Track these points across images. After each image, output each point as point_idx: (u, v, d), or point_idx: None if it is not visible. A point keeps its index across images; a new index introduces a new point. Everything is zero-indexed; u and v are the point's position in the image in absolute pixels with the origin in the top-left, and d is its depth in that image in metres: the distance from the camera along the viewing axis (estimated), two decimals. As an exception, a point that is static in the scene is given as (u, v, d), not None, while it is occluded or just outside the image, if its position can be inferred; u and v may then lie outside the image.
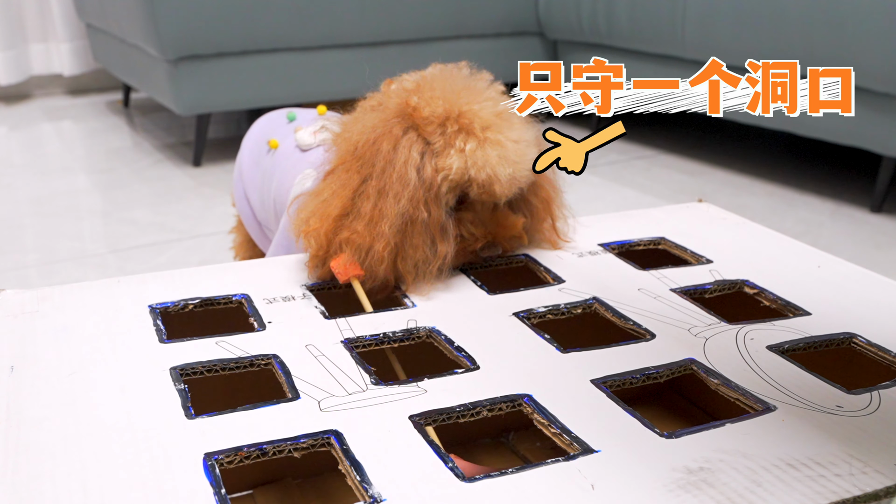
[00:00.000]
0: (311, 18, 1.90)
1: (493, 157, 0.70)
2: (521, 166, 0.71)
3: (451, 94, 0.72)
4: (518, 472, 0.47)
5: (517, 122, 0.72)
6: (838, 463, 0.48)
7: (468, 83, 0.74)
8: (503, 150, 0.70)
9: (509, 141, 0.71)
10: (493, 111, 0.71)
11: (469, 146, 0.70)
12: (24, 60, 2.69)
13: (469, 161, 0.70)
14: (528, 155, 0.71)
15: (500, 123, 0.71)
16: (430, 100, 0.72)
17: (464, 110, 0.71)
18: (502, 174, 0.70)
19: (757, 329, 0.65)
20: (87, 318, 0.64)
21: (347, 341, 0.62)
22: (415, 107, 0.72)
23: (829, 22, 1.47)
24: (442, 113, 0.71)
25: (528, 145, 0.72)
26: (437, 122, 0.71)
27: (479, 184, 0.70)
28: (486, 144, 0.70)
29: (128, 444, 0.49)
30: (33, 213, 1.64)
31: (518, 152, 0.71)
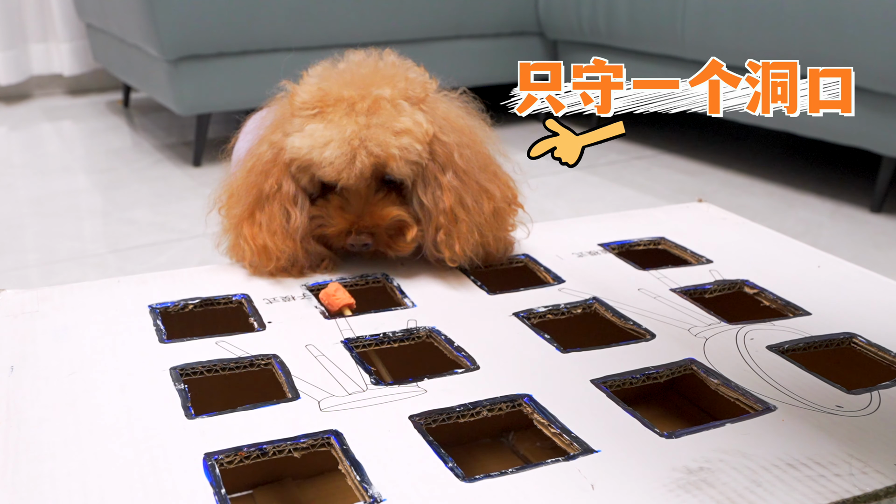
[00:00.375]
0: (311, 18, 1.90)
1: (328, 136, 0.68)
2: (361, 150, 0.68)
3: (334, 80, 0.72)
4: (518, 472, 0.47)
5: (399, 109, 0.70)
6: (838, 463, 0.48)
7: (371, 70, 0.73)
8: (340, 130, 0.68)
9: (358, 124, 0.68)
10: (371, 97, 0.69)
11: (310, 126, 0.69)
12: (24, 60, 2.69)
13: (306, 140, 0.69)
14: (378, 140, 0.68)
15: (365, 107, 0.69)
16: (306, 86, 0.72)
17: (333, 95, 0.70)
18: (328, 154, 0.68)
19: (757, 329, 0.65)
20: (87, 318, 0.64)
21: (347, 341, 0.62)
22: (292, 93, 0.73)
23: (829, 22, 1.47)
24: (310, 99, 0.70)
25: (389, 131, 0.69)
26: (306, 107, 0.70)
27: (317, 164, 0.69)
28: (329, 126, 0.69)
29: (128, 444, 0.49)
30: (33, 213, 1.64)
31: (364, 136, 0.68)
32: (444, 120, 0.73)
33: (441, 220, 0.71)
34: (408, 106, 0.70)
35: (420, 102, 0.72)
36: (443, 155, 0.72)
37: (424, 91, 0.73)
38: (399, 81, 0.72)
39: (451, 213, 0.71)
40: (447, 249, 0.71)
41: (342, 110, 0.69)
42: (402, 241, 0.72)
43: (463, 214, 0.71)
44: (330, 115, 0.69)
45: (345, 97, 0.70)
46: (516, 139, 2.17)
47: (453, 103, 0.76)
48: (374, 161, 0.69)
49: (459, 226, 0.71)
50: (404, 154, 0.69)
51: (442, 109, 0.74)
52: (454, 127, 0.74)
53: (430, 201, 0.71)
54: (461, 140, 0.73)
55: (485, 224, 0.72)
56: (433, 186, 0.72)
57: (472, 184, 0.72)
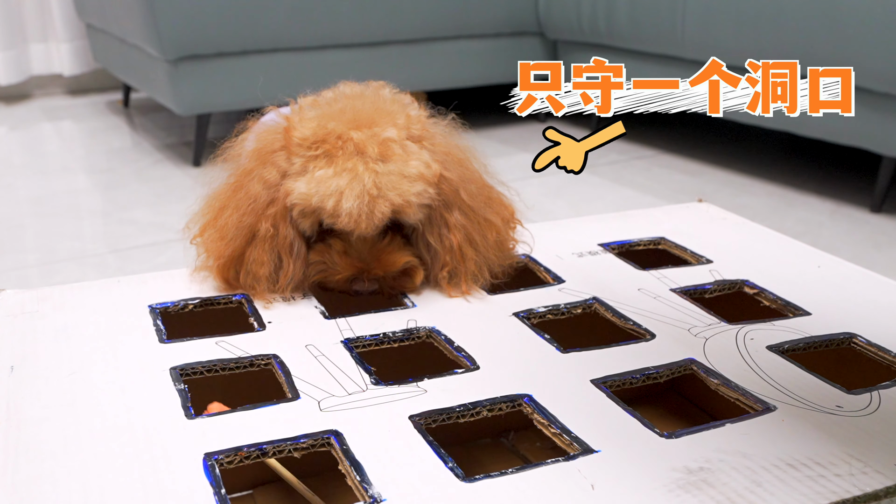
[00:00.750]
0: (311, 18, 1.90)
1: (343, 185, 0.65)
2: (379, 200, 0.65)
3: (335, 118, 0.68)
4: (518, 472, 0.47)
5: (407, 152, 0.68)
6: (838, 463, 0.48)
7: (371, 106, 0.70)
8: (356, 180, 0.65)
9: (373, 172, 0.65)
10: (378, 139, 0.67)
11: (320, 173, 0.66)
12: (24, 60, 2.69)
13: (315, 187, 0.65)
14: (396, 189, 0.66)
15: (375, 152, 0.66)
16: (305, 121, 0.68)
17: (338, 135, 0.67)
18: (347, 206, 0.65)
19: (757, 329, 0.65)
20: (87, 318, 0.64)
21: (347, 341, 0.62)
22: (288, 127, 0.69)
23: (829, 22, 1.47)
24: (310, 136, 0.67)
25: (403, 179, 0.66)
26: (304, 144, 0.67)
27: (328, 213, 0.66)
28: (343, 172, 0.65)
29: (128, 443, 0.49)
30: (33, 212, 1.64)
31: (381, 184, 0.65)
32: (445, 155, 0.72)
33: (447, 258, 0.70)
34: (415, 147, 0.68)
35: (422, 140, 0.70)
36: (448, 193, 0.70)
37: (424, 128, 0.71)
38: (399, 118, 0.69)
39: (459, 251, 0.70)
40: (451, 287, 0.70)
41: (350, 153, 0.66)
42: (409, 284, 0.70)
43: (471, 252, 0.71)
44: (338, 158, 0.66)
45: (352, 139, 0.66)
46: (516, 139, 2.17)
47: (447, 134, 0.74)
48: (392, 210, 0.66)
49: (467, 263, 0.70)
50: (420, 199, 0.67)
51: (441, 144, 0.72)
52: (455, 161, 0.73)
53: (436, 241, 0.70)
54: (463, 174, 0.72)
55: (491, 258, 0.72)
56: (439, 225, 0.70)
57: (477, 219, 0.72)
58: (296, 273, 0.68)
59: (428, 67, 2.06)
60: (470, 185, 0.72)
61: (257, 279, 0.68)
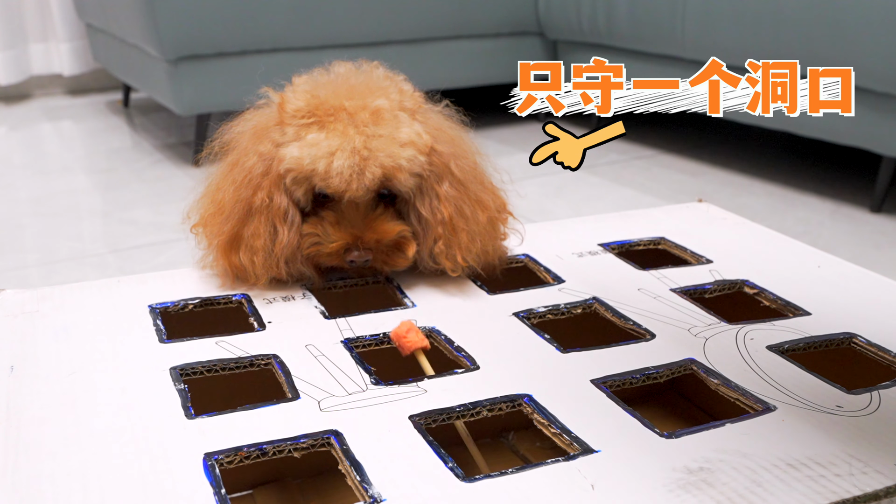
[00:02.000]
0: (311, 18, 1.90)
1: (334, 146, 0.66)
2: (370, 161, 0.66)
3: (328, 89, 0.69)
4: (518, 472, 0.47)
5: (398, 120, 0.69)
6: (838, 463, 0.48)
7: (363, 81, 0.71)
8: (347, 141, 0.66)
9: (364, 135, 0.66)
10: (370, 108, 0.68)
11: (311, 136, 0.67)
12: (24, 60, 2.69)
13: (307, 151, 0.66)
14: (386, 151, 0.67)
15: (367, 118, 0.67)
16: (298, 94, 0.70)
17: (330, 105, 0.68)
18: (337, 164, 0.65)
19: (757, 329, 0.65)
20: (87, 318, 0.64)
21: (347, 341, 0.62)
22: (282, 101, 0.70)
23: (829, 22, 1.47)
24: (304, 107, 0.68)
25: (394, 143, 0.67)
26: (298, 115, 0.68)
27: (320, 175, 0.66)
28: (333, 135, 0.66)
29: (128, 443, 0.49)
30: (33, 213, 1.64)
31: (371, 147, 0.66)
32: (437, 131, 0.72)
33: (439, 230, 0.70)
34: (406, 117, 0.69)
35: (414, 114, 0.71)
36: (439, 165, 0.71)
37: (417, 102, 0.72)
38: (392, 93, 0.70)
39: (451, 223, 0.70)
40: (448, 260, 0.70)
41: (343, 120, 0.67)
42: (401, 257, 0.70)
43: (462, 224, 0.71)
44: (330, 124, 0.67)
45: (344, 107, 0.68)
46: (516, 139, 2.17)
47: (441, 115, 0.75)
48: (383, 173, 0.67)
49: (459, 235, 0.70)
50: (411, 166, 0.68)
51: (434, 120, 0.73)
52: (447, 137, 0.73)
53: (428, 213, 0.70)
54: (455, 151, 0.73)
55: (482, 234, 0.72)
56: (430, 197, 0.71)
57: (467, 193, 0.72)
58: (290, 241, 0.68)
59: (428, 67, 2.06)
60: (461, 161, 0.73)
61: (255, 251, 0.68)
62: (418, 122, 0.70)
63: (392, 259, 0.70)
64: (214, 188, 0.73)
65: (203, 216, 0.72)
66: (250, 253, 0.69)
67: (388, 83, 0.71)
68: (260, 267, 0.68)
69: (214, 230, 0.70)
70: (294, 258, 0.69)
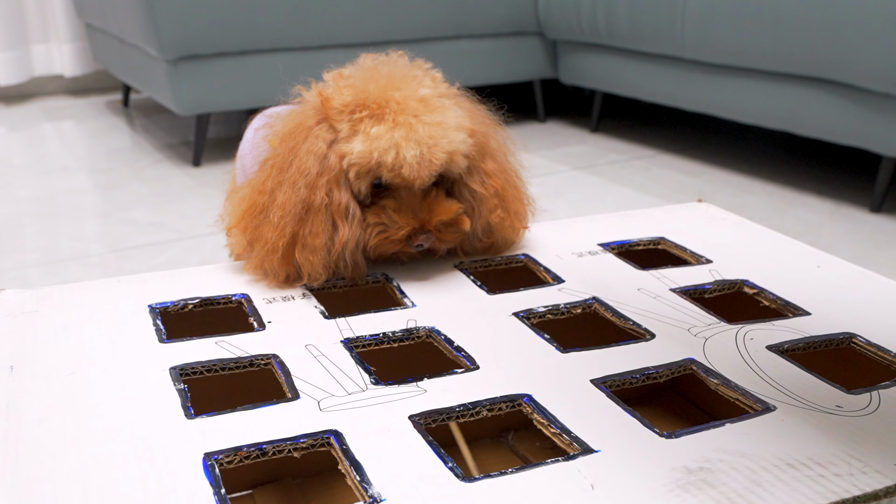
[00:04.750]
0: (311, 18, 1.90)
1: (399, 138, 0.67)
2: (435, 148, 0.68)
3: (371, 82, 0.71)
4: (518, 472, 0.47)
5: (444, 106, 0.71)
6: (838, 463, 0.48)
7: (398, 71, 0.72)
8: (412, 131, 0.68)
9: (423, 123, 0.68)
10: (416, 97, 0.70)
11: (374, 129, 0.68)
12: (25, 61, 2.69)
13: (373, 144, 0.68)
14: (446, 137, 0.69)
15: (418, 107, 0.69)
16: (341, 89, 0.71)
17: (378, 97, 0.69)
18: (408, 155, 0.67)
19: (756, 329, 0.65)
20: (87, 318, 0.65)
21: (347, 341, 0.62)
22: (326, 98, 0.71)
23: (829, 22, 1.47)
24: (352, 101, 0.70)
25: (449, 128, 0.70)
26: (346, 110, 0.70)
27: (388, 167, 0.68)
28: (395, 127, 0.68)
29: (127, 443, 0.49)
30: (33, 212, 1.64)
31: (432, 134, 0.68)
32: (470, 112, 0.75)
33: (494, 202, 0.74)
34: (450, 103, 0.72)
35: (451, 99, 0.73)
36: (480, 144, 0.74)
37: (448, 88, 0.75)
38: (426, 80, 0.72)
39: (503, 192, 0.75)
40: (508, 229, 0.75)
41: (396, 111, 0.68)
42: (456, 233, 0.72)
43: (511, 192, 0.76)
44: (385, 116, 0.68)
45: (394, 97, 0.69)
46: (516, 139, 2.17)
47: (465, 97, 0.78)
48: (447, 158, 0.69)
49: (512, 203, 0.76)
50: (466, 149, 0.71)
51: (464, 102, 0.76)
52: (479, 118, 0.77)
53: (479, 187, 0.74)
54: (487, 129, 0.77)
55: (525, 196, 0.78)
56: (479, 174, 0.74)
57: (507, 164, 0.77)
58: (352, 235, 0.70)
59: (428, 67, 2.06)
60: (494, 138, 0.77)
61: (314, 251, 0.69)
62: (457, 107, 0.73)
63: (449, 235, 0.72)
64: (253, 189, 0.72)
65: (238, 217, 0.72)
66: (308, 252, 0.69)
67: (419, 72, 0.73)
68: (319, 266, 0.69)
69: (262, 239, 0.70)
70: (356, 250, 0.71)
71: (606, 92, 2.13)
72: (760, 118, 1.70)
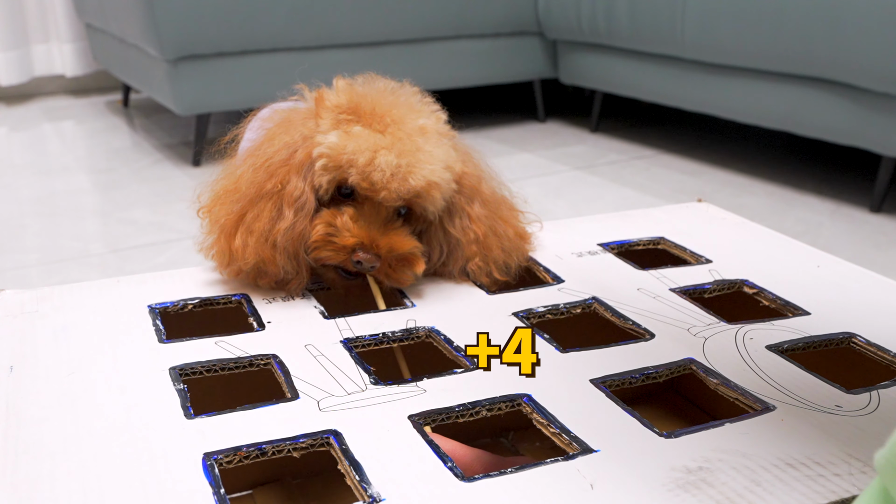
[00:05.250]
0: (311, 18, 1.90)
1: (381, 143, 0.64)
2: (415, 168, 0.65)
3: (372, 97, 0.68)
4: (517, 472, 0.47)
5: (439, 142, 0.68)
6: (837, 463, 0.48)
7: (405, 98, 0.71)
8: (397, 142, 0.65)
9: (412, 143, 0.66)
10: (414, 123, 0.67)
11: (357, 128, 0.66)
12: (25, 61, 2.70)
13: (350, 140, 0.65)
14: (431, 166, 0.66)
15: (413, 130, 0.67)
16: (340, 92, 0.69)
17: (375, 110, 0.67)
18: (383, 161, 0.64)
19: (756, 329, 0.65)
20: (86, 318, 0.65)
21: (347, 341, 0.62)
22: (320, 95, 0.70)
23: (829, 22, 1.47)
24: (345, 103, 0.68)
25: (436, 161, 0.67)
26: (337, 110, 0.68)
27: (358, 168, 0.64)
28: (381, 134, 0.65)
29: (127, 443, 0.49)
30: (34, 212, 1.64)
31: (418, 157, 0.65)
32: (465, 154, 0.74)
33: (473, 248, 0.71)
34: (446, 141, 0.70)
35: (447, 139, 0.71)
36: (469, 187, 0.72)
37: (449, 129, 0.72)
38: (431, 116, 0.70)
39: (485, 241, 0.71)
40: (486, 277, 0.72)
41: (388, 125, 0.66)
42: (407, 273, 0.68)
43: (495, 241, 0.72)
44: (375, 125, 0.66)
45: (390, 113, 0.67)
46: (516, 139, 2.17)
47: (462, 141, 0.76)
48: (423, 185, 0.66)
49: (493, 252, 0.72)
50: (447, 187, 0.68)
51: (460, 145, 0.74)
52: (474, 162, 0.75)
53: (459, 232, 0.71)
54: (481, 174, 0.75)
55: (513, 249, 0.74)
56: (461, 217, 0.71)
57: (498, 212, 0.74)
58: (296, 225, 0.66)
59: (427, 67, 2.06)
60: (488, 183, 0.75)
61: (251, 233, 0.66)
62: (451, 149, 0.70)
63: (397, 273, 0.68)
64: (228, 175, 0.72)
65: (211, 200, 0.71)
66: (246, 233, 0.67)
67: (424, 107, 0.71)
68: (252, 251, 0.66)
69: (221, 214, 0.69)
70: (295, 248, 0.67)
71: (606, 92, 2.13)
72: (760, 118, 1.70)
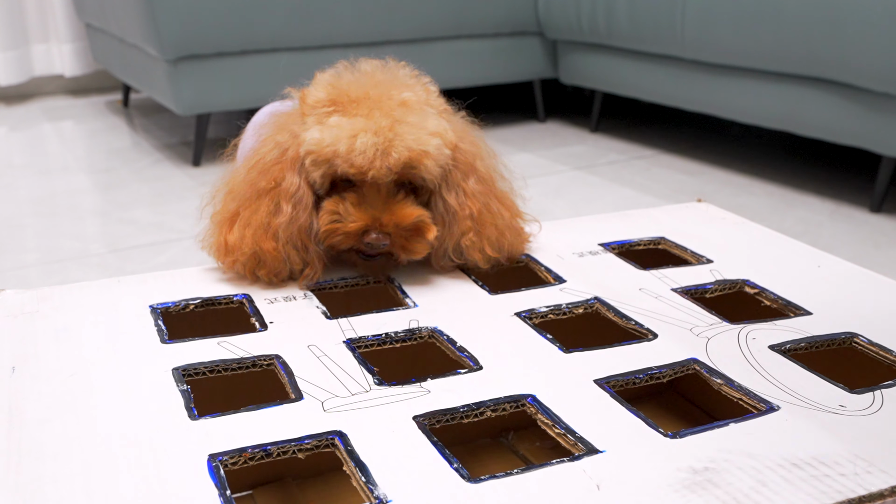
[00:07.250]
0: (311, 18, 1.90)
1: (358, 127, 0.66)
2: (396, 141, 0.66)
3: (354, 83, 0.70)
4: (523, 473, 0.47)
5: (425, 112, 0.69)
6: (843, 462, 0.48)
7: (388, 76, 0.72)
8: (374, 122, 0.66)
9: (390, 118, 0.66)
10: (397, 98, 0.68)
11: (334, 119, 0.67)
12: (25, 61, 2.69)
13: (329, 132, 0.66)
14: (414, 136, 0.67)
15: (393, 106, 0.68)
16: (319, 86, 0.71)
17: (354, 95, 0.68)
18: (362, 143, 0.65)
19: (758, 329, 0.65)
20: (87, 318, 0.64)
21: (350, 341, 0.62)
22: (303, 94, 0.71)
23: (829, 22, 1.47)
24: (325, 97, 0.69)
25: (421, 130, 0.67)
26: (319, 106, 0.69)
27: (342, 156, 0.66)
28: (356, 118, 0.66)
29: (131, 445, 0.49)
30: (34, 212, 1.63)
31: (398, 130, 0.66)
32: (461, 131, 0.74)
33: (468, 223, 0.71)
34: (434, 112, 0.70)
35: (440, 113, 0.72)
36: (465, 163, 0.72)
37: (443, 105, 0.73)
38: (419, 90, 0.71)
39: (479, 217, 0.71)
40: (478, 253, 0.71)
41: (367, 106, 0.67)
42: (420, 243, 0.69)
43: (489, 219, 0.72)
44: (354, 110, 0.67)
45: (370, 95, 0.68)
46: (516, 139, 2.17)
47: (461, 119, 0.76)
48: (409, 156, 0.66)
49: (488, 229, 0.72)
50: (438, 154, 0.68)
51: (457, 122, 0.75)
52: (470, 139, 0.75)
53: (456, 204, 0.71)
54: (477, 151, 0.74)
55: (508, 228, 0.74)
56: (457, 192, 0.71)
57: (493, 190, 0.74)
58: (296, 217, 0.68)
59: (427, 67, 2.05)
60: (484, 161, 0.75)
61: (248, 225, 0.68)
62: (444, 120, 0.71)
63: (411, 244, 0.69)
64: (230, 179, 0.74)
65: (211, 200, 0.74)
66: (243, 226, 0.68)
67: (413, 81, 0.72)
68: (248, 239, 0.67)
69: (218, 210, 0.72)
70: (303, 240, 0.69)
71: (606, 92, 2.13)
72: (760, 118, 1.70)
